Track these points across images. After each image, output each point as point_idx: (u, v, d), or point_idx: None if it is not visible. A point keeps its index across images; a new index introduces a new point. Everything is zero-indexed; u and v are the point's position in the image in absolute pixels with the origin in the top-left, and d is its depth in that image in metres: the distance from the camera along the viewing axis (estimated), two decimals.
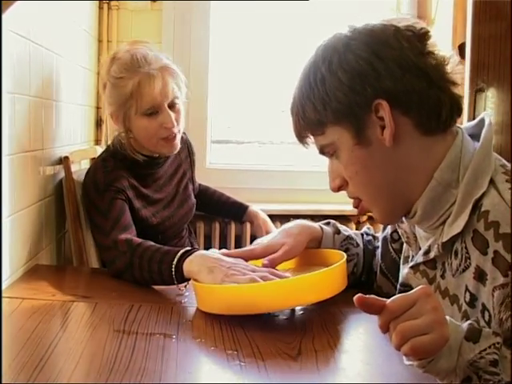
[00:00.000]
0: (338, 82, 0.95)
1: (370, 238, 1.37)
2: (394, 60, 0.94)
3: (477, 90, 1.92)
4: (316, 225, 1.33)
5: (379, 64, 0.93)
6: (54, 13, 1.66)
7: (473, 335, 0.78)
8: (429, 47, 0.96)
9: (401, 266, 1.16)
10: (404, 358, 0.80)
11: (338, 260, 1.20)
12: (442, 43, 2.38)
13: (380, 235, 1.30)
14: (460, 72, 1.00)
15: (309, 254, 1.32)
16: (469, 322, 0.81)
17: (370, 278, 1.32)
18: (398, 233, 1.21)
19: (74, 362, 0.92)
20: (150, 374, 0.88)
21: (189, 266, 1.23)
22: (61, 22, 1.75)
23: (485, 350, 0.77)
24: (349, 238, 1.33)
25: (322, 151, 1.03)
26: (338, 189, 1.04)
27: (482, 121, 1.01)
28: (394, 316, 0.76)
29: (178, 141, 1.66)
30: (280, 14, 2.52)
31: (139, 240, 1.41)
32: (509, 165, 0.97)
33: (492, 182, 0.92)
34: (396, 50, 0.94)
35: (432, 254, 1.00)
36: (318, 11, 2.48)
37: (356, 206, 1.06)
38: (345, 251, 1.28)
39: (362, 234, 1.37)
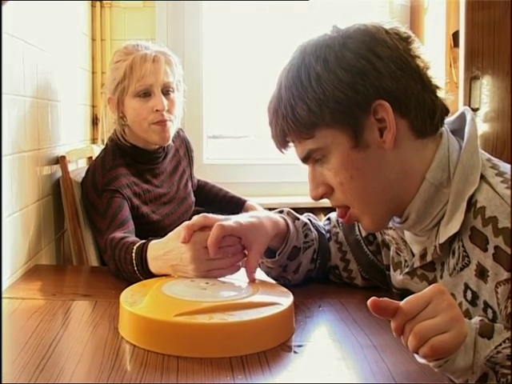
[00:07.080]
0: (337, 80, 0.90)
1: (317, 222, 1.31)
2: (393, 60, 0.91)
3: (472, 78, 1.92)
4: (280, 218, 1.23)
5: (379, 63, 0.90)
6: (46, 12, 1.66)
7: (486, 331, 0.77)
8: (415, 50, 0.94)
9: (391, 271, 1.14)
10: (417, 356, 0.78)
11: None
12: (435, 32, 2.38)
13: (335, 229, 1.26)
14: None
15: None
16: (479, 318, 0.80)
17: (324, 259, 1.27)
18: (373, 235, 1.19)
19: (75, 360, 0.92)
20: (152, 370, 0.88)
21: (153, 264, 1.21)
22: (54, 22, 1.75)
23: (500, 344, 0.76)
24: (307, 224, 1.26)
25: (308, 156, 0.97)
26: (321, 197, 0.99)
27: (463, 116, 0.99)
28: (409, 317, 0.74)
29: (169, 130, 1.64)
30: (273, 7, 2.51)
31: (118, 237, 1.35)
32: (493, 158, 0.95)
33: (482, 177, 0.90)
34: (393, 50, 0.91)
35: (429, 257, 0.98)
36: (310, 7, 2.48)
37: (343, 216, 0.99)
38: (305, 237, 1.23)
39: (310, 220, 1.30)
